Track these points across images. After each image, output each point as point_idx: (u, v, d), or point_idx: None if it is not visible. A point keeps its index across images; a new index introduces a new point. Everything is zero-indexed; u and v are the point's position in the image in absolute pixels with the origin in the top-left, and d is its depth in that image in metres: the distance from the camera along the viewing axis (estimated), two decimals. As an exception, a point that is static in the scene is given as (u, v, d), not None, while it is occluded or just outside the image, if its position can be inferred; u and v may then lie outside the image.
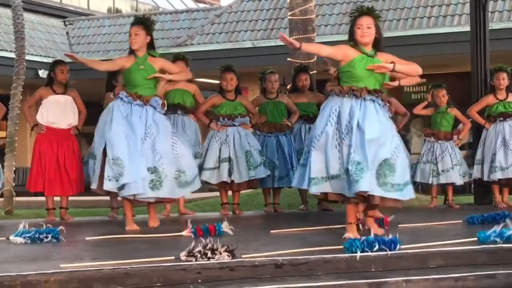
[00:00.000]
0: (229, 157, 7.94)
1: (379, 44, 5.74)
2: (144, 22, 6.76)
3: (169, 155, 6.60)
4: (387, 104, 5.80)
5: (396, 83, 6.07)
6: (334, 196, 5.60)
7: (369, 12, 5.73)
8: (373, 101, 5.59)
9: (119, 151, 6.40)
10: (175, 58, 8.10)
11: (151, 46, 6.77)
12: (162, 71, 6.76)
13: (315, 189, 5.56)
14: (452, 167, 8.67)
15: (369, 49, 5.70)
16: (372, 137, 5.41)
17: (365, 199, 5.50)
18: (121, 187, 6.45)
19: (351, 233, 5.41)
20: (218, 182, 8.01)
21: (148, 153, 6.51)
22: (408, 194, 5.58)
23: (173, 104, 7.93)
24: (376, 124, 5.49)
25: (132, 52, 6.75)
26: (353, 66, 5.62)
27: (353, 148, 5.39)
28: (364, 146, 5.37)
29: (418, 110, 8.92)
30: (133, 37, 6.69)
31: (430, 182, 8.75)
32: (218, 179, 7.96)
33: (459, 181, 8.76)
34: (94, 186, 6.69)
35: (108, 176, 6.41)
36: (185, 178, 6.69)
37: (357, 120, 5.46)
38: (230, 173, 7.95)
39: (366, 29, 5.66)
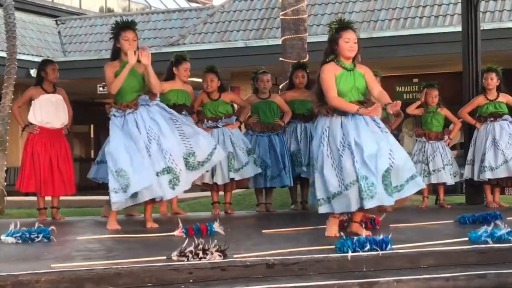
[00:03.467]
0: None
1: (357, 57, 5.82)
2: (134, 26, 6.79)
3: (177, 149, 6.60)
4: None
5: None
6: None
7: (352, 26, 5.80)
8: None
9: (122, 163, 6.38)
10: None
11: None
12: (145, 72, 6.71)
13: (321, 210, 5.66)
14: (443, 167, 8.69)
15: (349, 63, 5.77)
16: (370, 153, 5.49)
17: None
18: (133, 196, 6.42)
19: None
20: (205, 182, 8.01)
21: (158, 155, 6.50)
22: (417, 184, 5.76)
23: (178, 104, 7.88)
24: (371, 138, 5.57)
25: (115, 57, 6.72)
26: (337, 83, 5.67)
27: (357, 165, 5.46)
28: (365, 162, 5.46)
29: (411, 110, 8.93)
30: (131, 42, 6.67)
31: None
32: (201, 180, 7.94)
33: (450, 180, 8.78)
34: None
35: (114, 188, 6.37)
36: (196, 160, 6.72)
37: (353, 138, 5.54)
38: (213, 175, 7.94)
39: (353, 44, 5.73)
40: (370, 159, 5.47)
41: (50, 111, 7.78)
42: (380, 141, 5.59)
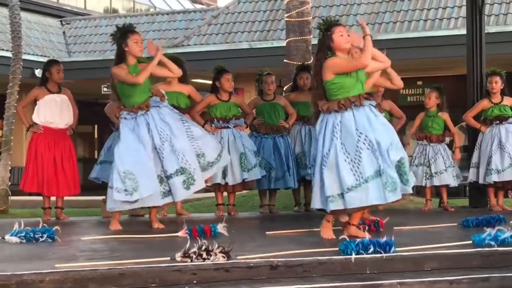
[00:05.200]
0: None
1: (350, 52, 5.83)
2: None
3: (188, 148, 6.63)
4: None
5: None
6: (360, 208, 5.61)
7: (339, 23, 5.82)
8: (370, 105, 5.68)
9: (130, 165, 6.39)
10: (170, 60, 8.08)
11: None
12: (152, 75, 6.76)
13: (333, 206, 5.54)
14: (445, 169, 8.69)
15: (347, 56, 5.77)
16: (385, 147, 5.51)
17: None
18: (132, 202, 6.43)
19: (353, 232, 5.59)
20: (213, 184, 8.03)
21: (171, 157, 6.52)
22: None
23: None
24: (383, 132, 5.60)
25: (120, 60, 6.73)
26: (341, 77, 5.65)
27: (379, 160, 5.45)
28: (384, 156, 5.47)
29: (411, 132, 9.00)
30: (139, 45, 6.70)
31: (423, 184, 8.76)
32: (212, 181, 7.97)
33: (453, 182, 8.78)
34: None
35: (117, 188, 6.37)
36: (206, 160, 6.75)
37: (371, 133, 5.53)
38: (224, 175, 7.96)
39: (347, 36, 5.74)
40: (386, 152, 5.49)
41: (54, 111, 7.79)
42: (391, 133, 5.64)
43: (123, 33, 6.73)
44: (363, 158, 5.47)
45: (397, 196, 5.49)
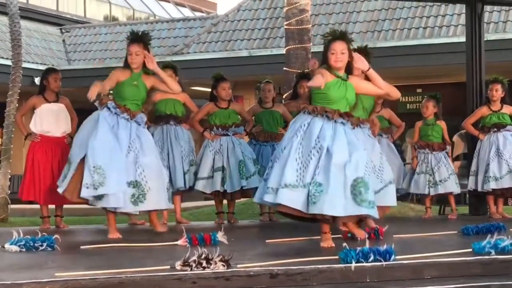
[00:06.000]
0: (223, 167, 7.98)
1: (350, 68, 5.83)
2: (143, 39, 6.79)
3: (154, 168, 6.61)
4: (367, 124, 5.91)
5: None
6: (289, 210, 5.57)
7: (343, 37, 5.80)
8: (343, 124, 5.68)
9: (102, 160, 6.37)
10: (165, 66, 8.11)
11: None
12: (153, 89, 6.78)
13: (267, 198, 5.58)
14: (448, 177, 8.70)
15: (342, 73, 5.79)
16: (338, 161, 5.47)
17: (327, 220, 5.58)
18: (99, 197, 6.42)
19: (325, 243, 5.60)
20: (212, 191, 8.04)
21: (131, 166, 6.51)
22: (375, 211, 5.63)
23: (165, 114, 7.95)
24: (345, 148, 5.56)
25: (127, 65, 6.76)
26: (328, 88, 5.68)
27: (318, 170, 5.46)
28: (329, 169, 5.45)
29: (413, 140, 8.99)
30: (133, 57, 6.71)
31: (426, 192, 8.75)
32: (211, 189, 7.99)
33: (457, 190, 8.80)
34: (61, 190, 6.59)
35: (87, 183, 6.36)
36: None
37: (327, 143, 5.53)
38: (223, 183, 7.97)
39: (340, 55, 5.74)
40: (336, 167, 5.45)
41: (50, 120, 7.79)
42: (357, 151, 5.57)
43: (129, 41, 6.79)
44: (310, 164, 5.49)
45: (316, 208, 5.40)
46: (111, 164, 6.39)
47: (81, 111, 8.03)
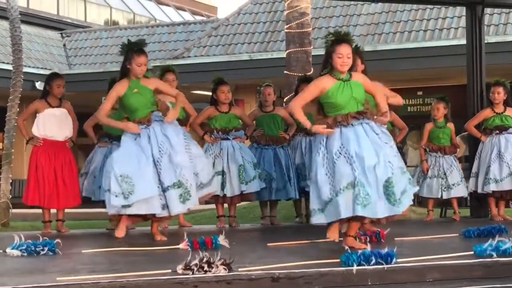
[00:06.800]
0: (222, 171, 7.97)
1: (352, 67, 5.83)
2: (145, 46, 6.81)
3: (186, 164, 6.63)
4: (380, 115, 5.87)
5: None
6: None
7: (348, 40, 5.80)
8: (361, 124, 5.66)
9: (128, 169, 6.40)
10: (164, 70, 8.11)
11: None
12: (157, 90, 6.78)
13: (314, 220, 5.67)
14: (461, 180, 8.70)
15: (344, 75, 5.77)
16: (370, 164, 5.49)
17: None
18: (129, 205, 6.43)
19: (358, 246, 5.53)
20: (212, 195, 8.03)
21: (169, 169, 6.51)
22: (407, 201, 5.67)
23: None
24: (371, 149, 5.56)
25: (124, 76, 6.76)
26: (331, 96, 5.70)
27: (358, 171, 5.45)
28: (365, 172, 5.46)
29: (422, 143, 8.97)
30: (143, 68, 6.70)
31: (439, 196, 8.71)
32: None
33: (466, 193, 8.81)
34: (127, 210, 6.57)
35: (115, 192, 6.39)
36: (198, 180, 6.77)
37: (354, 147, 5.54)
38: (223, 187, 7.96)
39: (346, 59, 5.72)
40: (369, 170, 5.47)
41: (53, 125, 7.79)
42: (380, 150, 5.58)
43: (129, 51, 6.71)
44: (337, 168, 5.50)
45: (367, 212, 5.43)
46: (139, 171, 6.41)
47: (82, 115, 8.04)
